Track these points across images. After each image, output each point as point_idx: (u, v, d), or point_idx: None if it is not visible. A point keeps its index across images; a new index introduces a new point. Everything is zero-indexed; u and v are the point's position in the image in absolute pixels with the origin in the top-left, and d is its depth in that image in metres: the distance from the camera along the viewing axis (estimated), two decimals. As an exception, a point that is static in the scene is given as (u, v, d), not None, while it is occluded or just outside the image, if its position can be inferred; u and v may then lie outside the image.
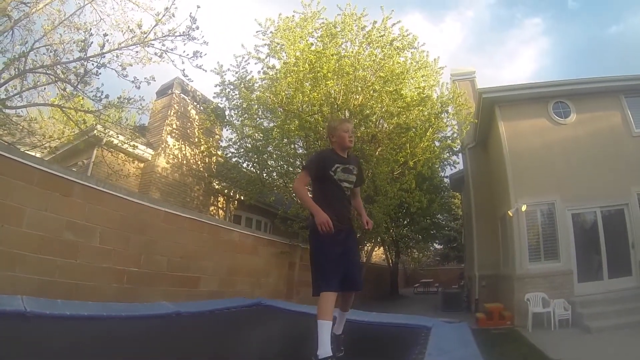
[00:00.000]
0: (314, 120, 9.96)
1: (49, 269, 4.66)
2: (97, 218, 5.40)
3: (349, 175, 3.27)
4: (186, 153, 11.89)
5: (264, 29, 11.23)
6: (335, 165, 3.21)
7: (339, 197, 3.23)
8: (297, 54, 10.34)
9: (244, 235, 9.12)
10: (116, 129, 9.56)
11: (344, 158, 3.31)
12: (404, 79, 10.53)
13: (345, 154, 3.34)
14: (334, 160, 3.25)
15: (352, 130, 3.35)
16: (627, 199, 9.46)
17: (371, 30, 10.87)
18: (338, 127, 3.34)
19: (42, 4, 7.83)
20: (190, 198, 11.72)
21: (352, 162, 3.35)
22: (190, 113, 12.34)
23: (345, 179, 3.25)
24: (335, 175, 3.19)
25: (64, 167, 5.79)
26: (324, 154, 3.57)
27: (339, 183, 3.22)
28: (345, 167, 3.25)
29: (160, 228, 6.53)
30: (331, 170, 3.19)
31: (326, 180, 3.20)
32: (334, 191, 3.21)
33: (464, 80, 15.41)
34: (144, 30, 7.72)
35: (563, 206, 9.70)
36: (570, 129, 10.40)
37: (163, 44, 7.81)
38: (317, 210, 2.97)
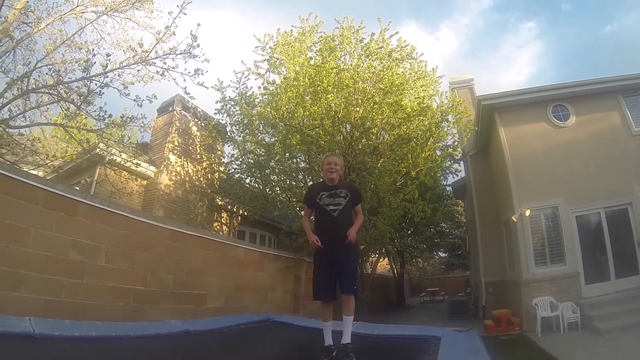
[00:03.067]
0: (315, 134, 10.00)
1: (55, 289, 4.62)
2: (102, 237, 5.37)
3: (335, 199, 3.83)
4: (188, 170, 11.91)
5: (262, 45, 11.33)
6: (321, 193, 3.89)
7: (325, 219, 3.83)
8: (296, 68, 10.40)
9: (250, 251, 9.07)
10: (119, 147, 9.60)
11: (330, 186, 3.92)
12: (404, 89, 10.57)
13: (332, 183, 3.93)
14: (320, 189, 3.97)
15: (334, 162, 3.96)
16: (631, 198, 9.46)
17: (369, 42, 10.98)
18: (323, 162, 4.20)
19: (44, 24, 7.94)
20: (194, 215, 11.70)
21: (340, 187, 3.93)
22: (191, 130, 12.38)
23: (330, 203, 3.82)
24: (320, 201, 3.85)
25: (68, 187, 5.79)
26: (312, 186, 4.76)
27: (325, 207, 3.82)
28: (331, 193, 3.86)
29: (165, 246, 6.50)
30: (317, 198, 3.88)
31: (316, 207, 3.92)
32: (321, 215, 3.88)
33: (462, 87, 15.50)
34: (145, 49, 7.80)
35: (567, 209, 9.69)
36: (571, 131, 10.43)
37: (164, 62, 7.89)
38: (308, 232, 3.89)
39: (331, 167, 3.90)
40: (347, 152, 10.31)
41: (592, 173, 9.80)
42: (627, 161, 9.80)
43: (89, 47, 8.20)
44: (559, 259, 9.45)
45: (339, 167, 3.99)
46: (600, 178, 9.71)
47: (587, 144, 10.18)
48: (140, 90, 8.36)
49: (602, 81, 10.49)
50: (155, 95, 7.81)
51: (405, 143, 10.43)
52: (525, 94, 10.90)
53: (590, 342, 7.08)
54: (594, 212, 9.71)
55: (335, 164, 3.94)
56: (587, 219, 9.79)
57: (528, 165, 10.43)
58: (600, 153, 10.00)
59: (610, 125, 10.31)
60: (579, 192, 9.73)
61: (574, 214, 9.69)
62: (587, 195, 9.66)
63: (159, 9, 8.89)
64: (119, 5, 8.66)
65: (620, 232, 9.44)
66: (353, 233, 3.70)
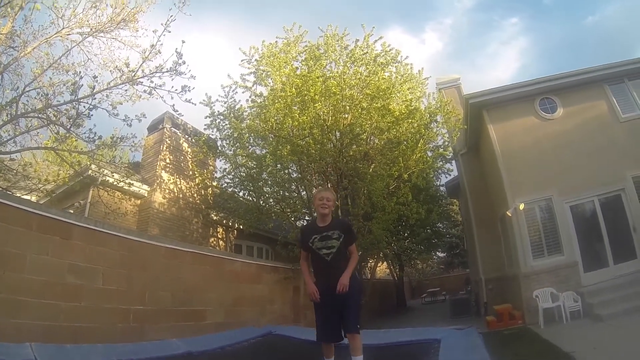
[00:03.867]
0: (305, 143, 10.05)
1: (53, 314, 4.61)
2: (98, 259, 5.39)
3: (327, 242, 3.66)
4: (182, 187, 11.90)
5: (248, 57, 11.39)
6: (312, 236, 3.72)
7: (319, 263, 3.71)
8: (283, 79, 10.46)
9: (247, 264, 9.15)
10: (110, 167, 9.59)
11: (321, 227, 3.74)
12: (391, 93, 10.65)
13: (325, 221, 3.78)
14: (311, 232, 3.78)
15: (327, 197, 3.82)
16: (623, 183, 9.52)
17: (354, 48, 11.06)
18: (315, 197, 4.07)
19: (30, 47, 7.94)
20: (190, 231, 11.67)
21: (333, 227, 3.73)
22: (182, 146, 12.39)
23: (323, 247, 3.67)
24: (313, 245, 3.70)
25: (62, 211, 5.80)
26: (304, 228, 4.57)
27: (317, 252, 3.68)
28: (323, 236, 3.68)
29: (161, 264, 6.52)
30: (309, 242, 3.72)
31: (310, 250, 3.76)
32: (315, 259, 3.74)
33: (449, 87, 15.61)
34: (131, 69, 7.82)
35: (560, 200, 9.74)
36: (559, 123, 10.51)
37: (151, 81, 7.91)
38: (307, 281, 3.76)
39: (324, 204, 3.76)
40: (337, 159, 10.36)
41: (583, 162, 9.87)
42: (616, 148, 9.88)
43: (76, 69, 8.21)
44: (557, 249, 9.49)
45: (332, 203, 3.85)
46: (592, 166, 9.77)
47: (576, 134, 10.26)
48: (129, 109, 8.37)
49: (587, 71, 10.58)
50: (144, 114, 7.83)
51: (395, 147, 10.49)
52: (511, 90, 10.96)
53: (592, 330, 7.09)
54: (587, 200, 9.75)
55: (328, 199, 3.80)
56: (582, 208, 9.84)
57: (519, 160, 10.49)
58: (589, 142, 10.08)
59: (597, 114, 10.40)
60: (572, 182, 9.78)
61: (568, 204, 9.74)
62: (579, 184, 9.72)
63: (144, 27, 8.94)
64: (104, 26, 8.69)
65: (615, 218, 9.49)
66: (345, 282, 3.52)
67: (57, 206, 10.05)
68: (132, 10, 8.89)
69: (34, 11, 7.89)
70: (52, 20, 8.23)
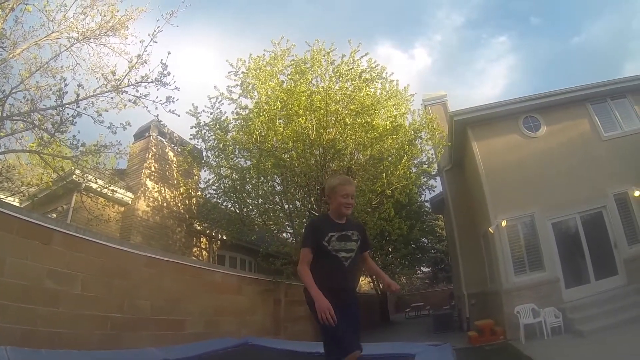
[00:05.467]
0: (288, 157, 10.06)
1: (30, 318, 4.53)
2: (78, 265, 5.32)
3: (347, 244, 2.91)
4: (166, 195, 11.83)
5: (235, 70, 11.40)
6: (329, 234, 2.87)
7: (333, 270, 2.87)
8: (268, 92, 10.47)
9: (227, 275, 9.12)
10: (94, 173, 9.50)
11: (339, 224, 2.95)
12: (376, 109, 10.72)
13: (342, 219, 3.00)
14: (328, 228, 2.91)
15: (353, 194, 3.00)
16: (604, 201, 9.73)
17: (340, 64, 11.14)
18: (337, 189, 2.99)
19: (19, 49, 7.89)
20: (173, 240, 11.57)
21: (350, 227, 3.00)
22: (168, 155, 12.36)
23: (341, 249, 2.89)
24: (329, 245, 2.85)
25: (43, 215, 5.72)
26: (317, 223, 3.20)
27: (335, 254, 2.86)
28: (342, 235, 2.91)
29: (142, 273, 6.46)
30: (324, 240, 2.85)
31: (321, 251, 2.84)
32: (329, 264, 2.85)
33: (435, 104, 15.83)
34: (117, 77, 7.82)
35: (543, 217, 9.89)
36: (542, 141, 10.72)
37: (137, 90, 7.90)
38: (318, 295, 2.65)
39: (348, 203, 2.96)
40: (320, 174, 10.36)
41: (565, 180, 10.06)
42: (598, 166, 10.11)
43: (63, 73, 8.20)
44: (538, 266, 9.60)
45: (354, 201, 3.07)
46: (574, 184, 9.96)
47: (559, 152, 10.47)
48: (115, 117, 8.30)
49: (571, 91, 10.85)
50: (129, 122, 7.79)
51: (379, 162, 10.50)
52: (496, 108, 11.16)
53: (573, 345, 7.17)
54: (569, 217, 9.92)
55: (353, 196, 3.02)
56: (564, 225, 10.00)
57: (502, 177, 10.63)
58: (572, 160, 10.30)
59: (580, 133, 10.65)
60: (554, 199, 9.95)
61: (550, 221, 9.89)
62: (562, 202, 9.89)
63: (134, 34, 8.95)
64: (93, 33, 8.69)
65: (596, 235, 9.66)
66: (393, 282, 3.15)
67: (40, 210, 9.95)
68: (121, 18, 8.91)
69: (25, 13, 7.86)
70: (43, 23, 8.21)
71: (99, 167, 9.18)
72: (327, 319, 2.55)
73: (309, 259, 2.84)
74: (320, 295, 2.65)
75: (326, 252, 2.84)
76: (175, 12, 8.04)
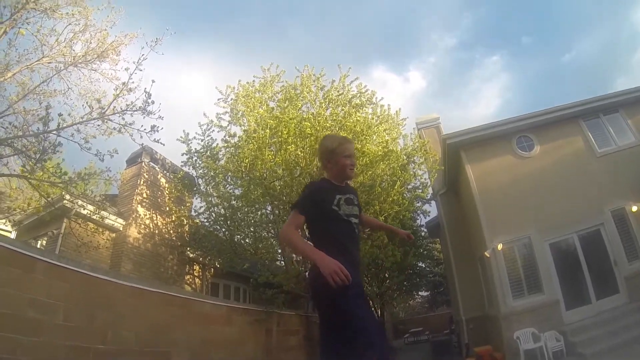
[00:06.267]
0: (278, 186, 9.96)
1: (11, 348, 4.39)
2: (60, 294, 5.18)
3: (353, 208, 2.56)
4: (158, 222, 11.66)
5: (224, 97, 11.29)
6: (337, 196, 2.49)
7: (351, 237, 2.48)
8: (257, 119, 10.36)
9: (216, 305, 8.95)
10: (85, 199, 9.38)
11: (342, 187, 2.63)
12: (367, 135, 10.60)
13: (342, 183, 2.68)
14: (333, 190, 2.54)
15: (354, 153, 2.70)
16: (602, 218, 9.63)
17: (329, 89, 11.06)
18: (337, 149, 2.62)
19: (10, 73, 7.94)
20: (164, 268, 11.37)
21: (350, 190, 2.69)
22: (160, 182, 12.25)
23: (351, 213, 2.52)
24: (340, 209, 2.46)
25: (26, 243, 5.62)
26: (320, 184, 2.68)
27: (347, 219, 2.48)
28: (347, 198, 2.55)
29: (126, 303, 6.30)
30: (334, 204, 2.45)
31: (330, 218, 2.43)
32: (344, 231, 2.45)
33: (429, 127, 15.83)
34: (102, 105, 7.79)
35: (539, 238, 9.76)
36: (536, 161, 10.69)
37: (123, 118, 7.86)
38: (320, 255, 2.14)
39: (353, 162, 2.65)
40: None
41: (561, 199, 9.97)
42: (594, 183, 10.05)
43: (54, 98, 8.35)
44: (537, 288, 9.42)
45: None
46: (570, 203, 9.87)
47: (553, 171, 10.42)
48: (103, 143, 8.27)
49: (563, 108, 10.88)
50: (116, 150, 7.67)
51: (370, 189, 10.36)
52: (488, 129, 11.15)
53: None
54: (567, 237, 9.79)
55: (354, 156, 2.71)
56: (561, 245, 9.85)
57: (497, 200, 10.54)
58: (567, 178, 10.24)
59: (574, 150, 10.64)
60: (550, 219, 9.84)
61: (547, 242, 9.75)
62: (558, 221, 9.77)
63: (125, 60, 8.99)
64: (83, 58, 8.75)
65: (595, 254, 9.52)
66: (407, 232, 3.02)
67: (32, 233, 9.98)
68: (112, 44, 8.96)
69: (18, 36, 7.97)
70: (36, 47, 8.31)
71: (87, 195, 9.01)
72: (341, 278, 2.00)
73: (298, 223, 2.40)
74: (322, 254, 2.14)
75: (337, 218, 2.43)
76: (160, 40, 8.08)
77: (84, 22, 8.80)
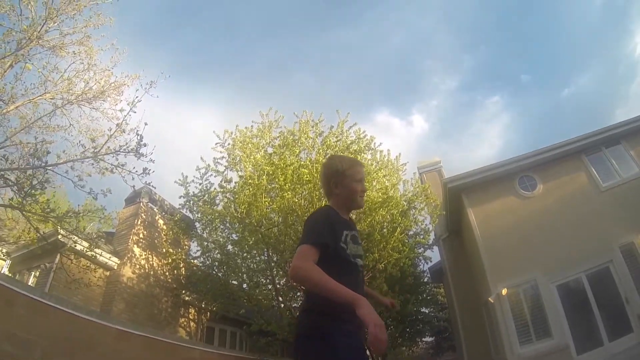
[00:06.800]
0: (272, 234, 9.82)
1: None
2: (40, 331, 4.96)
3: (359, 247, 2.18)
4: (153, 263, 11.47)
5: (222, 141, 11.07)
6: (344, 232, 2.09)
7: (357, 284, 2.04)
8: (252, 166, 10.24)
9: (207, 352, 8.65)
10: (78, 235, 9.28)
11: (348, 222, 2.24)
12: (367, 181, 10.25)
13: (347, 215, 2.30)
14: (341, 224, 2.12)
15: (364, 178, 2.35)
16: (611, 255, 9.26)
17: (328, 135, 10.97)
18: (348, 171, 2.23)
19: (13, 106, 8.07)
20: (158, 310, 11.06)
21: (355, 227, 2.33)
22: (158, 223, 12.17)
23: (357, 254, 2.13)
24: (347, 248, 2.05)
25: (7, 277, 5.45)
26: (331, 213, 2.17)
27: (354, 261, 2.08)
28: (354, 236, 2.16)
29: (110, 346, 6.04)
30: (342, 241, 2.04)
31: (336, 257, 1.99)
32: (350, 276, 2.00)
33: (430, 171, 15.82)
34: (95, 145, 7.91)
35: (546, 280, 9.39)
36: (539, 200, 10.49)
37: (117, 158, 7.93)
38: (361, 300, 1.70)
39: (364, 187, 2.32)
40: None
41: (567, 238, 9.68)
42: (600, 218, 9.75)
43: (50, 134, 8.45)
44: (545, 333, 8.97)
45: None
46: (576, 241, 9.56)
47: (557, 209, 10.19)
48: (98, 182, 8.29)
49: (564, 144, 10.77)
50: (109, 189, 7.68)
51: (368, 236, 10.11)
52: (489, 171, 11.03)
53: None
54: (575, 277, 9.39)
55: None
56: (569, 286, 9.44)
57: (500, 243, 10.28)
58: (572, 216, 9.98)
59: (578, 186, 10.43)
60: (557, 260, 9.51)
61: (554, 284, 9.37)
62: (565, 262, 9.44)
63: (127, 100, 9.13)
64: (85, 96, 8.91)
65: (605, 293, 9.09)
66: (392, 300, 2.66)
67: (25, 265, 9.94)
68: (113, 84, 9.18)
69: (24, 71, 8.17)
70: (41, 82, 8.46)
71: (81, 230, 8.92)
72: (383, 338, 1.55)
73: (315, 258, 1.87)
74: (358, 296, 1.71)
75: (342, 259, 2.01)
76: (155, 83, 8.31)
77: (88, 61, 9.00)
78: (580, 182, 10.53)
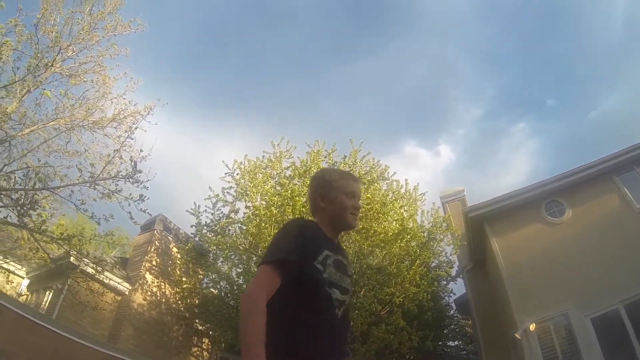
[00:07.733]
0: None
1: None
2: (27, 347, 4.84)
3: (344, 278, 1.75)
4: (165, 291, 11.48)
5: (231, 171, 11.00)
6: (325, 251, 1.69)
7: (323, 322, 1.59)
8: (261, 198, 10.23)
9: None
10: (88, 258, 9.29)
11: (333, 243, 1.84)
12: (383, 212, 10.12)
13: (335, 236, 1.90)
14: (323, 242, 1.75)
15: (359, 195, 1.97)
16: (650, 282, 8.38)
17: (340, 165, 10.77)
18: (336, 182, 1.87)
19: (28, 129, 8.24)
20: (168, 338, 11.04)
21: (343, 252, 1.90)
22: (172, 251, 12.28)
23: (338, 282, 1.70)
24: (324, 271, 1.64)
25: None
26: (308, 226, 1.80)
27: (328, 291, 1.64)
28: (338, 260, 1.75)
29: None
30: (318, 260, 1.64)
31: (305, 280, 1.60)
32: (316, 310, 1.59)
33: (453, 200, 15.30)
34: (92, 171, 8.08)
35: (579, 313, 8.59)
36: (568, 226, 9.77)
37: (116, 184, 8.09)
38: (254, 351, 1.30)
39: (357, 205, 1.90)
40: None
41: (600, 266, 8.91)
42: (636, 242, 8.90)
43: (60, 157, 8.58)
44: (580, 372, 8.18)
45: None
46: (611, 269, 8.76)
47: (589, 235, 9.44)
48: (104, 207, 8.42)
49: (593, 165, 10.05)
50: (112, 215, 7.90)
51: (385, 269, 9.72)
52: (513, 197, 10.45)
53: None
54: (611, 308, 8.49)
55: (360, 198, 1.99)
56: (605, 318, 8.52)
57: (527, 274, 9.63)
58: (605, 242, 9.21)
59: (610, 209, 9.68)
60: (590, 290, 8.74)
61: (588, 317, 8.52)
62: (599, 291, 8.63)
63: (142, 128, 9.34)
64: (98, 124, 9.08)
65: (647, 324, 8.19)
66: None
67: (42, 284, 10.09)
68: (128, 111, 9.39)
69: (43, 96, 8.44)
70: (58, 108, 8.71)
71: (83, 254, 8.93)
72: None
73: (273, 286, 1.50)
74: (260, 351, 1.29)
75: (314, 283, 1.60)
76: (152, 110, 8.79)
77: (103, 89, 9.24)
78: (612, 204, 9.76)
